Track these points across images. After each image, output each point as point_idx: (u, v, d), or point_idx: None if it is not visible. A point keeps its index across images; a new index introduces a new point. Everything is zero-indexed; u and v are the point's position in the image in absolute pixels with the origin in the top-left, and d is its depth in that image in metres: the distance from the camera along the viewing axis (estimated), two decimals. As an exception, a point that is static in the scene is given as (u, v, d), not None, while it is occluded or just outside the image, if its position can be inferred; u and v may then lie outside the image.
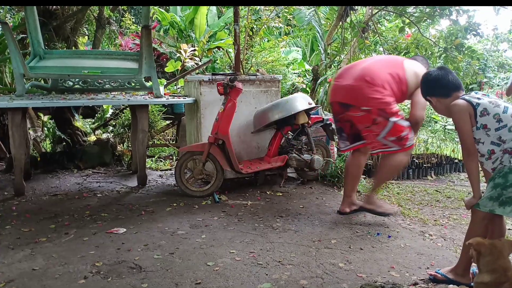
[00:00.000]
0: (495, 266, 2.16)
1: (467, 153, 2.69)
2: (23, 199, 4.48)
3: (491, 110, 2.60)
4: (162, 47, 9.52)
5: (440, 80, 2.80)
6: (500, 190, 2.58)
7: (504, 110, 2.62)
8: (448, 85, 2.78)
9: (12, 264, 2.96)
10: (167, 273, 2.84)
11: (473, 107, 2.62)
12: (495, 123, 2.60)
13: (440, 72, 2.83)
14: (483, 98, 2.66)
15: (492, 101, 2.65)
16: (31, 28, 5.04)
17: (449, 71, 2.85)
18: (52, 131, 6.24)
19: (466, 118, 2.63)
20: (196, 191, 4.63)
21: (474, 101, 2.63)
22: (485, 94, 2.77)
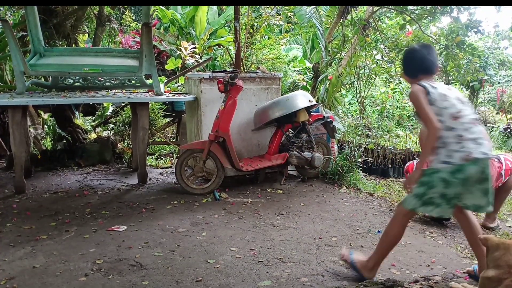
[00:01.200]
0: (500, 262, 2.12)
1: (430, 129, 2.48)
2: (24, 196, 4.48)
3: (438, 103, 2.53)
4: (162, 44, 9.51)
5: (415, 60, 2.74)
6: (425, 189, 2.55)
7: (447, 106, 2.53)
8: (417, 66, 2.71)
9: (13, 261, 2.96)
10: (168, 270, 2.84)
11: (427, 91, 2.54)
12: (440, 102, 2.53)
13: (421, 52, 2.73)
14: (438, 88, 2.57)
15: (443, 94, 2.55)
16: (31, 26, 5.03)
17: (430, 52, 2.72)
18: (52, 129, 6.23)
19: (422, 96, 2.53)
20: (196, 188, 4.63)
21: (428, 88, 2.55)
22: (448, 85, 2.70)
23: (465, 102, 2.61)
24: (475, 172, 2.46)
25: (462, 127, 2.50)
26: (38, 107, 6.09)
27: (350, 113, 8.77)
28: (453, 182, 2.48)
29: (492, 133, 8.73)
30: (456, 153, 2.47)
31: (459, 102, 2.56)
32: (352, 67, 6.92)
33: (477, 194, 2.54)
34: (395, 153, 5.89)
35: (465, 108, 2.55)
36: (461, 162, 2.46)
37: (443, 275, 2.84)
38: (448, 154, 2.49)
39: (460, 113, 2.53)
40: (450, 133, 2.49)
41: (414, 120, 9.27)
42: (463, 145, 2.47)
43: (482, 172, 2.48)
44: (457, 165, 2.46)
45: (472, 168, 2.45)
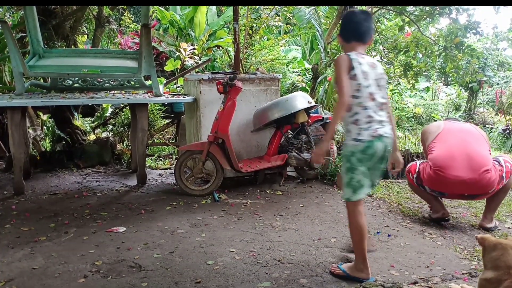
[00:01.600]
0: (499, 263, 2.07)
1: (341, 102, 2.60)
2: (23, 198, 4.47)
3: (360, 79, 2.63)
4: (161, 45, 9.51)
5: (351, 23, 2.81)
6: (350, 175, 2.69)
7: (367, 85, 2.64)
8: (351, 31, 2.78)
9: (12, 263, 2.96)
10: (167, 272, 2.84)
11: (351, 66, 2.62)
12: (354, 91, 2.64)
13: (358, 16, 2.79)
14: (362, 65, 2.65)
15: (365, 72, 2.65)
16: (31, 27, 5.03)
17: (368, 19, 2.80)
18: (51, 130, 6.23)
19: (344, 68, 2.62)
20: (195, 190, 4.63)
21: (354, 63, 2.63)
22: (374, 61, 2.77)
23: (382, 85, 2.74)
24: (381, 149, 2.67)
25: (373, 108, 2.67)
26: (37, 108, 6.09)
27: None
28: (364, 158, 2.66)
29: (491, 134, 8.73)
30: (365, 131, 2.64)
31: (375, 84, 2.69)
32: (351, 68, 6.91)
33: (377, 173, 2.78)
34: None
35: (378, 92, 2.69)
36: (369, 138, 2.63)
37: (442, 276, 2.84)
38: (358, 132, 2.65)
39: (374, 95, 2.68)
40: (363, 112, 2.65)
41: (413, 122, 9.29)
42: (371, 124, 2.65)
43: (385, 150, 2.69)
44: (366, 142, 2.63)
45: (378, 143, 2.65)
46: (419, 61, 6.89)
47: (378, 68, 2.76)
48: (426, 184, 3.88)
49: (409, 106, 10.18)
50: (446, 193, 3.88)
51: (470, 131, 4.00)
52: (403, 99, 9.93)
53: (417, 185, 4.01)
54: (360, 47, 2.76)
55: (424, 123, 9.52)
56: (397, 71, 7.15)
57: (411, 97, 11.09)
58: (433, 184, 3.83)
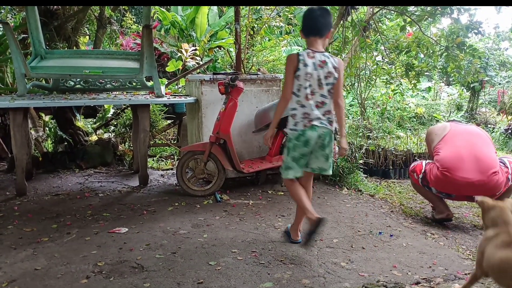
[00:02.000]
0: (497, 220, 2.30)
1: (282, 97, 3.16)
2: (25, 199, 4.48)
3: (301, 81, 3.01)
4: (163, 46, 9.52)
5: (308, 19, 3.10)
6: (285, 157, 3.15)
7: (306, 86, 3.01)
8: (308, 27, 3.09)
9: (15, 264, 2.96)
10: (169, 272, 2.84)
11: (297, 67, 3.00)
12: (295, 90, 3.05)
13: (315, 12, 3.07)
14: (308, 66, 2.98)
15: (308, 73, 2.99)
16: (32, 28, 5.05)
17: (324, 15, 3.08)
18: (53, 131, 6.24)
19: (291, 68, 3.02)
20: (197, 190, 4.63)
21: (300, 64, 2.99)
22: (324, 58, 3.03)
23: (326, 83, 3.03)
24: (314, 137, 3.05)
25: (310, 106, 3.04)
26: (39, 109, 6.10)
27: (351, 114, 8.77)
28: (298, 145, 3.08)
29: (493, 134, 8.72)
30: (300, 123, 3.06)
31: (317, 83, 3.02)
32: (353, 69, 6.92)
33: (321, 159, 3.13)
34: (396, 155, 5.89)
35: (318, 91, 3.04)
36: (302, 128, 3.05)
37: (444, 276, 2.84)
38: (294, 124, 3.08)
39: (312, 94, 3.04)
40: (300, 109, 3.06)
41: (415, 122, 9.27)
42: (306, 118, 3.05)
43: (320, 138, 3.06)
44: (300, 131, 3.06)
45: (310, 132, 3.04)
46: (421, 61, 6.89)
47: (328, 67, 3.02)
48: (433, 185, 3.87)
49: (411, 106, 10.17)
50: (453, 195, 3.87)
51: (477, 133, 4.00)
52: (404, 99, 9.91)
53: (422, 185, 4.01)
54: (317, 42, 3.07)
55: (426, 123, 9.51)
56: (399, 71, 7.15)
57: (413, 97, 11.08)
58: (440, 185, 3.82)
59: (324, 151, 3.11)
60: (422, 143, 6.48)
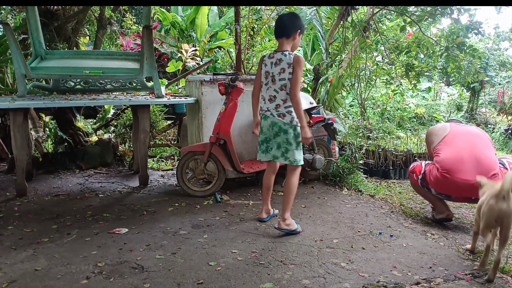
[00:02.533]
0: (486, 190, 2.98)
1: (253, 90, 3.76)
2: (25, 199, 4.48)
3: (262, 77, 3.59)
4: (163, 47, 9.52)
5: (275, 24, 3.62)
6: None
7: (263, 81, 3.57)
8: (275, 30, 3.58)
9: (15, 264, 2.96)
10: (169, 273, 2.84)
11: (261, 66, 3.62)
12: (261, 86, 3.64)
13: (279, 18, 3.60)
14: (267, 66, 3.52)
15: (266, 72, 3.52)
16: (33, 29, 5.05)
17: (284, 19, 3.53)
18: (53, 132, 6.25)
19: (260, 66, 3.62)
20: (197, 191, 4.63)
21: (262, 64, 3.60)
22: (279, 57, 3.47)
23: (278, 79, 3.43)
24: (266, 125, 3.55)
25: (265, 97, 3.54)
26: (40, 110, 6.11)
27: (351, 115, 8.77)
28: (261, 130, 3.63)
29: (493, 135, 8.72)
30: (260, 110, 3.61)
31: (270, 79, 3.48)
32: (353, 69, 6.93)
33: (274, 147, 3.55)
34: (396, 155, 5.89)
35: (271, 86, 3.48)
36: (260, 116, 3.63)
37: (444, 277, 2.84)
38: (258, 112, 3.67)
39: (267, 89, 3.51)
40: (262, 102, 3.60)
41: (415, 122, 9.28)
42: (262, 107, 3.58)
43: (271, 126, 3.52)
44: (260, 118, 3.63)
45: (263, 121, 3.59)
46: (421, 61, 6.89)
47: (282, 64, 3.43)
48: (432, 186, 3.87)
49: (411, 106, 10.17)
50: (453, 196, 3.86)
51: (477, 134, 3.98)
52: (404, 100, 9.92)
53: (421, 186, 4.00)
54: (282, 43, 3.51)
55: (426, 123, 9.51)
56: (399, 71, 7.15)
57: (413, 97, 11.09)
58: (440, 187, 3.81)
59: (276, 139, 3.53)
60: (422, 143, 6.49)
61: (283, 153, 3.52)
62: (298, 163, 3.53)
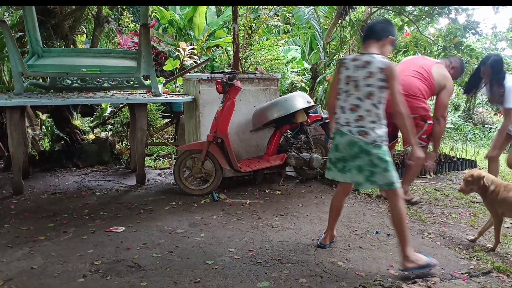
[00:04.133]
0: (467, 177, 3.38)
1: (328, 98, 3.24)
2: (22, 197, 4.47)
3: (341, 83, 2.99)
4: (161, 45, 9.50)
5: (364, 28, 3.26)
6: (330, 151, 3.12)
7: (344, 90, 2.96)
8: (364, 33, 3.12)
9: (11, 262, 2.95)
10: (166, 271, 2.84)
11: (339, 71, 3.01)
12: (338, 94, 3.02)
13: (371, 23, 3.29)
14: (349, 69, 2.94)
15: (348, 76, 2.94)
16: (30, 27, 5.03)
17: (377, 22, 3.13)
18: (50, 130, 6.23)
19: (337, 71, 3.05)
20: (195, 189, 4.63)
21: (342, 68, 2.99)
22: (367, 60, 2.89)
23: (362, 85, 2.87)
24: (342, 143, 2.95)
25: (344, 109, 2.97)
26: (36, 108, 6.08)
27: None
28: (332, 147, 3.07)
29: (490, 134, 8.74)
30: (335, 124, 3.02)
31: (354, 86, 2.91)
32: (351, 68, 6.91)
33: (354, 171, 2.95)
34: (393, 154, 5.89)
35: (354, 93, 2.91)
36: (334, 131, 3.03)
37: (441, 276, 2.84)
38: (334, 126, 3.05)
39: (347, 97, 2.94)
40: (339, 111, 3.00)
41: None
42: (340, 121, 2.98)
43: (349, 146, 2.91)
44: (333, 134, 3.05)
45: (338, 137, 2.99)
46: (418, 61, 6.89)
47: (370, 67, 2.86)
48: None
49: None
50: None
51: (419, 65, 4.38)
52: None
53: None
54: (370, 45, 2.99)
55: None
56: (396, 71, 7.14)
57: (410, 97, 11.08)
58: None
59: (355, 161, 2.91)
60: (420, 143, 6.48)
61: (367, 177, 2.89)
62: (395, 185, 2.85)
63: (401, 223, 2.84)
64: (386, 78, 2.81)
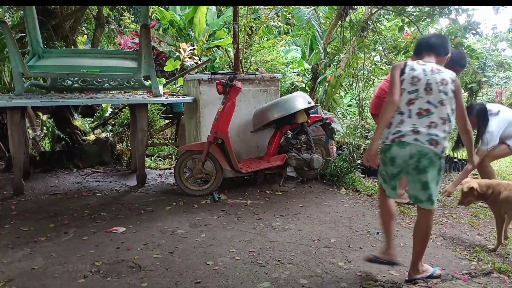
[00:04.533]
0: None
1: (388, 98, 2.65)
2: (23, 198, 4.47)
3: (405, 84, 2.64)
4: (161, 46, 9.51)
5: (419, 41, 2.94)
6: (380, 166, 2.77)
7: (410, 91, 2.62)
8: (421, 45, 2.85)
9: (12, 263, 2.95)
10: (167, 272, 2.84)
11: (402, 71, 2.67)
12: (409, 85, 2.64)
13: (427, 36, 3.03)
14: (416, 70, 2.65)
15: (415, 77, 2.63)
16: (30, 27, 5.03)
17: (436, 36, 2.90)
18: (51, 130, 6.23)
19: (397, 71, 2.68)
20: (195, 190, 4.63)
21: (407, 68, 2.67)
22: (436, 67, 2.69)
23: (436, 89, 2.60)
24: (402, 156, 2.58)
25: (409, 113, 2.61)
26: (37, 109, 6.09)
27: (349, 114, 8.77)
28: (384, 161, 2.70)
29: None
30: (391, 135, 2.63)
31: (424, 89, 2.61)
32: (351, 69, 6.93)
33: (416, 186, 2.62)
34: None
35: (425, 97, 2.60)
36: (390, 142, 2.62)
37: (442, 276, 2.84)
38: (387, 136, 2.66)
39: (415, 100, 2.61)
40: (398, 116, 2.64)
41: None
42: (400, 129, 2.60)
43: (414, 158, 2.56)
44: (387, 145, 2.65)
45: (396, 149, 2.60)
46: (419, 61, 6.89)
47: (443, 75, 2.64)
48: None
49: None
50: None
51: None
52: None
53: None
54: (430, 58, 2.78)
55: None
56: (397, 71, 7.14)
57: (411, 97, 11.09)
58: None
59: (420, 175, 2.58)
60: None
61: (430, 196, 2.60)
62: (435, 203, 2.68)
63: (426, 237, 2.72)
64: (455, 91, 2.65)
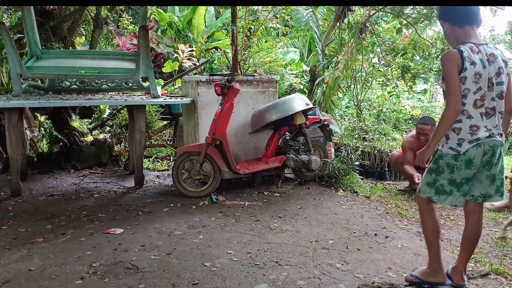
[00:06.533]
0: None
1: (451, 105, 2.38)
2: (20, 199, 4.46)
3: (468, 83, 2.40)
4: (159, 47, 9.50)
5: (459, 9, 2.51)
6: (435, 176, 2.55)
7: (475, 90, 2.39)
8: (464, 14, 2.47)
9: (9, 264, 2.94)
10: (164, 273, 2.84)
11: (462, 66, 2.37)
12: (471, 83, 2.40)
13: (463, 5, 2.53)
14: (476, 64, 2.39)
15: (478, 73, 2.38)
16: (28, 28, 5.03)
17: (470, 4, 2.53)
18: (49, 131, 6.22)
19: (455, 69, 2.38)
20: (193, 191, 4.63)
21: (465, 62, 2.37)
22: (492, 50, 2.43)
23: (497, 82, 2.43)
24: (477, 154, 2.44)
25: (480, 117, 2.43)
26: (35, 110, 6.07)
27: (347, 116, 8.79)
28: (457, 165, 2.46)
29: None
30: (466, 142, 2.44)
31: (486, 84, 2.41)
32: (349, 71, 6.94)
33: (486, 182, 2.51)
34: (391, 156, 5.90)
35: (489, 95, 2.42)
36: (466, 149, 2.44)
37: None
38: (458, 143, 2.45)
39: (483, 100, 2.41)
40: (467, 121, 2.43)
41: (411, 124, 9.30)
42: (478, 136, 2.42)
43: (488, 154, 2.45)
44: (462, 154, 2.45)
45: (472, 152, 2.43)
46: (417, 63, 6.91)
47: (497, 61, 2.43)
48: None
49: (407, 108, 10.20)
50: None
51: None
52: (400, 101, 9.95)
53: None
54: (475, 32, 2.49)
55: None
56: (395, 73, 7.17)
57: (409, 99, 11.12)
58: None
59: (491, 170, 2.49)
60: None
61: (498, 188, 2.52)
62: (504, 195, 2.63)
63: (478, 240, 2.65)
64: (508, 73, 2.49)
